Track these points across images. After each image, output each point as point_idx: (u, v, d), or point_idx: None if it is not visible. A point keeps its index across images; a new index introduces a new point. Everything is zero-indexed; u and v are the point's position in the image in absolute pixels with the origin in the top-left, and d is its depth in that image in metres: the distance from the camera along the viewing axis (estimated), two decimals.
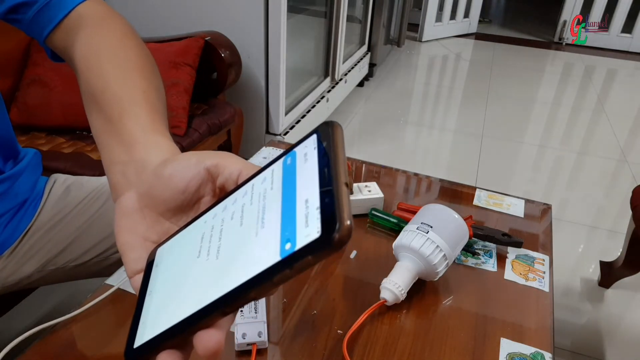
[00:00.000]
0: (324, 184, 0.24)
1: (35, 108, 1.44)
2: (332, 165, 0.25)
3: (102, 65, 0.46)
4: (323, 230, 0.22)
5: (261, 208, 0.27)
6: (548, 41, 4.39)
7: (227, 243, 0.28)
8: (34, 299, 1.05)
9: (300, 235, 0.23)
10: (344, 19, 2.34)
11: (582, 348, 1.36)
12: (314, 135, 0.28)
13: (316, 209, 0.24)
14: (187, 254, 0.31)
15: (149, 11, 1.82)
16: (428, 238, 0.60)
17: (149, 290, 0.32)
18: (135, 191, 0.36)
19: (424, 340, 0.57)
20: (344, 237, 0.22)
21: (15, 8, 0.53)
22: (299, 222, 0.24)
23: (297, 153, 0.28)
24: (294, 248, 0.23)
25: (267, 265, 0.24)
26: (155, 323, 0.29)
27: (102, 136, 0.42)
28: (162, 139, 0.39)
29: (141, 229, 0.35)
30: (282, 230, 0.25)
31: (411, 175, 0.93)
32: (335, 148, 0.26)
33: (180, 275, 0.30)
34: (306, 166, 0.26)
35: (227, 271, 0.26)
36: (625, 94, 3.38)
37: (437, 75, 3.62)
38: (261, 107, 1.90)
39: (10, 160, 0.71)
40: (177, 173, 0.34)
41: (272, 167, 0.29)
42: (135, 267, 0.34)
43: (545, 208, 0.85)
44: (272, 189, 0.28)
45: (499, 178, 2.21)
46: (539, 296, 0.65)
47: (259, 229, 0.26)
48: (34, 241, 0.73)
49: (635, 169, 2.32)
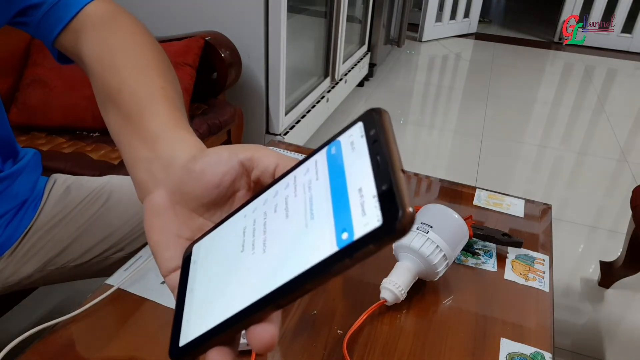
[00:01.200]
0: (379, 171, 0.24)
1: (35, 108, 1.44)
2: (386, 152, 0.24)
3: (117, 64, 0.45)
4: (384, 218, 0.22)
5: (308, 199, 0.26)
6: (548, 41, 4.39)
7: (274, 236, 0.27)
8: (34, 299, 1.05)
9: (357, 224, 0.23)
10: (344, 19, 2.34)
11: (582, 348, 1.36)
12: (358, 123, 0.27)
13: (373, 197, 0.23)
14: (229, 249, 0.30)
15: (149, 11, 1.82)
16: (428, 238, 0.60)
17: (189, 288, 0.31)
18: (164, 188, 0.34)
19: (424, 340, 0.57)
20: (407, 224, 0.21)
21: (24, 11, 0.53)
22: (354, 211, 0.23)
23: (342, 142, 0.27)
24: (352, 238, 0.23)
25: (324, 256, 0.23)
26: (202, 320, 0.28)
27: (121, 135, 0.41)
28: (186, 134, 0.38)
29: (173, 226, 0.34)
30: (335, 220, 0.24)
31: (411, 175, 0.93)
32: (386, 135, 0.25)
33: (224, 270, 0.29)
34: (355, 155, 0.26)
35: (278, 264, 0.26)
36: (625, 94, 3.38)
37: (437, 75, 3.62)
38: (261, 107, 1.90)
39: (10, 160, 0.71)
40: (209, 168, 0.33)
41: (315, 158, 0.28)
42: (169, 266, 0.33)
43: (545, 208, 0.85)
44: (317, 180, 0.27)
45: (499, 178, 2.21)
46: (539, 296, 0.65)
47: (308, 220, 0.26)
48: (34, 241, 0.73)
49: (635, 169, 2.32)
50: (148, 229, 0.34)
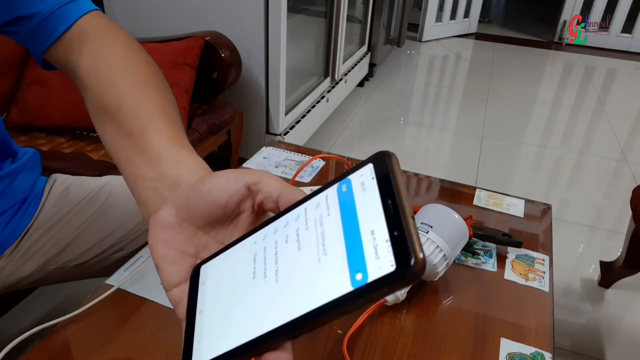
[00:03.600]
0: (391, 216, 0.25)
1: (35, 108, 1.44)
2: (397, 197, 0.25)
3: (115, 81, 0.46)
4: (398, 263, 0.23)
5: (320, 234, 0.28)
6: (548, 41, 4.39)
7: (286, 266, 0.29)
8: (34, 299, 1.05)
9: (371, 266, 0.24)
10: (344, 19, 2.34)
11: (582, 348, 1.36)
12: (369, 164, 0.28)
13: (386, 242, 0.24)
14: (240, 274, 0.31)
15: (149, 11, 1.82)
16: (428, 238, 0.60)
17: (198, 308, 0.32)
18: (172, 206, 0.36)
19: (424, 340, 0.57)
20: (419, 271, 0.23)
21: (13, 21, 0.52)
22: (368, 253, 0.24)
23: (353, 181, 0.28)
24: (366, 280, 0.24)
25: (339, 294, 0.24)
26: (215, 343, 0.30)
27: (121, 150, 0.42)
28: (188, 154, 0.40)
29: (179, 242, 0.35)
30: (349, 260, 0.25)
31: (411, 175, 0.93)
32: (395, 179, 0.26)
33: (235, 296, 0.31)
34: (366, 196, 0.27)
35: (293, 296, 0.27)
36: (625, 94, 3.38)
37: (437, 75, 3.62)
38: (261, 107, 1.90)
39: (8, 160, 0.71)
40: (217, 189, 0.34)
41: (325, 193, 0.29)
42: (172, 280, 0.35)
43: (545, 208, 0.85)
44: (329, 215, 0.28)
45: (499, 178, 2.21)
46: (539, 296, 0.65)
47: (321, 256, 0.27)
48: (33, 240, 0.73)
49: (635, 169, 2.32)
50: (153, 243, 0.35)
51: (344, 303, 0.24)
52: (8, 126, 1.46)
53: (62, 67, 0.53)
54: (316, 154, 0.93)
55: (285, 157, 0.91)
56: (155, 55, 1.58)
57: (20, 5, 0.51)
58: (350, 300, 0.24)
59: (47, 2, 0.51)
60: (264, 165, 0.88)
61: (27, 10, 0.51)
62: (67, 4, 0.51)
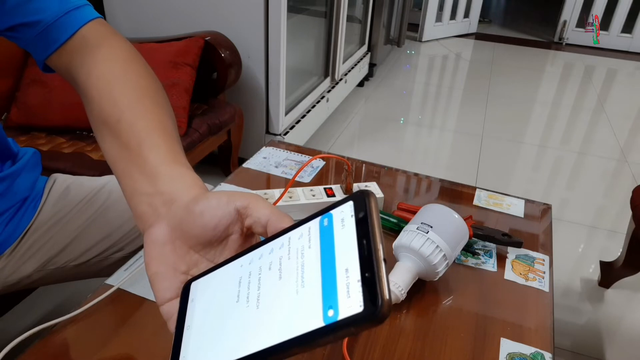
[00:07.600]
0: (364, 257, 0.26)
1: (35, 108, 1.44)
2: (371, 239, 0.26)
3: (115, 94, 0.46)
4: (365, 305, 0.24)
5: (300, 265, 0.29)
6: (548, 41, 4.39)
7: (267, 294, 0.30)
8: (34, 299, 1.05)
9: (342, 305, 0.25)
10: (344, 19, 2.34)
11: (582, 348, 1.36)
12: (350, 202, 0.29)
13: (357, 282, 0.25)
14: (225, 295, 0.33)
15: (149, 11, 1.82)
16: (428, 238, 0.60)
17: (186, 324, 0.34)
18: (166, 224, 0.37)
19: (424, 340, 0.57)
20: (385, 314, 0.24)
21: (15, 27, 0.52)
22: (340, 290, 0.26)
23: (334, 217, 0.29)
24: (336, 317, 0.25)
25: (311, 329, 0.26)
26: None
27: (120, 162, 0.43)
28: (185, 170, 0.41)
29: (172, 259, 0.37)
30: (323, 295, 0.26)
31: (411, 175, 0.93)
32: (372, 221, 0.27)
33: (220, 316, 0.32)
34: (344, 233, 0.28)
35: (270, 325, 0.28)
36: (625, 94, 3.38)
37: (437, 75, 3.62)
38: (261, 107, 1.90)
39: (8, 162, 0.71)
40: (208, 211, 0.36)
41: (309, 225, 0.31)
42: (165, 296, 0.36)
43: (545, 208, 0.85)
44: (309, 247, 0.29)
45: (499, 178, 2.21)
46: (539, 296, 0.65)
47: (299, 287, 0.28)
48: (33, 240, 0.74)
49: (635, 169, 2.32)
50: (148, 260, 0.37)
51: (314, 337, 0.25)
52: (8, 126, 1.46)
53: (63, 74, 0.53)
54: (316, 154, 0.93)
55: (285, 157, 0.91)
56: (155, 55, 1.58)
57: (22, 13, 0.51)
58: (320, 335, 0.25)
59: (50, 10, 0.51)
60: (264, 165, 0.88)
61: (29, 17, 0.51)
62: (69, 12, 0.51)
